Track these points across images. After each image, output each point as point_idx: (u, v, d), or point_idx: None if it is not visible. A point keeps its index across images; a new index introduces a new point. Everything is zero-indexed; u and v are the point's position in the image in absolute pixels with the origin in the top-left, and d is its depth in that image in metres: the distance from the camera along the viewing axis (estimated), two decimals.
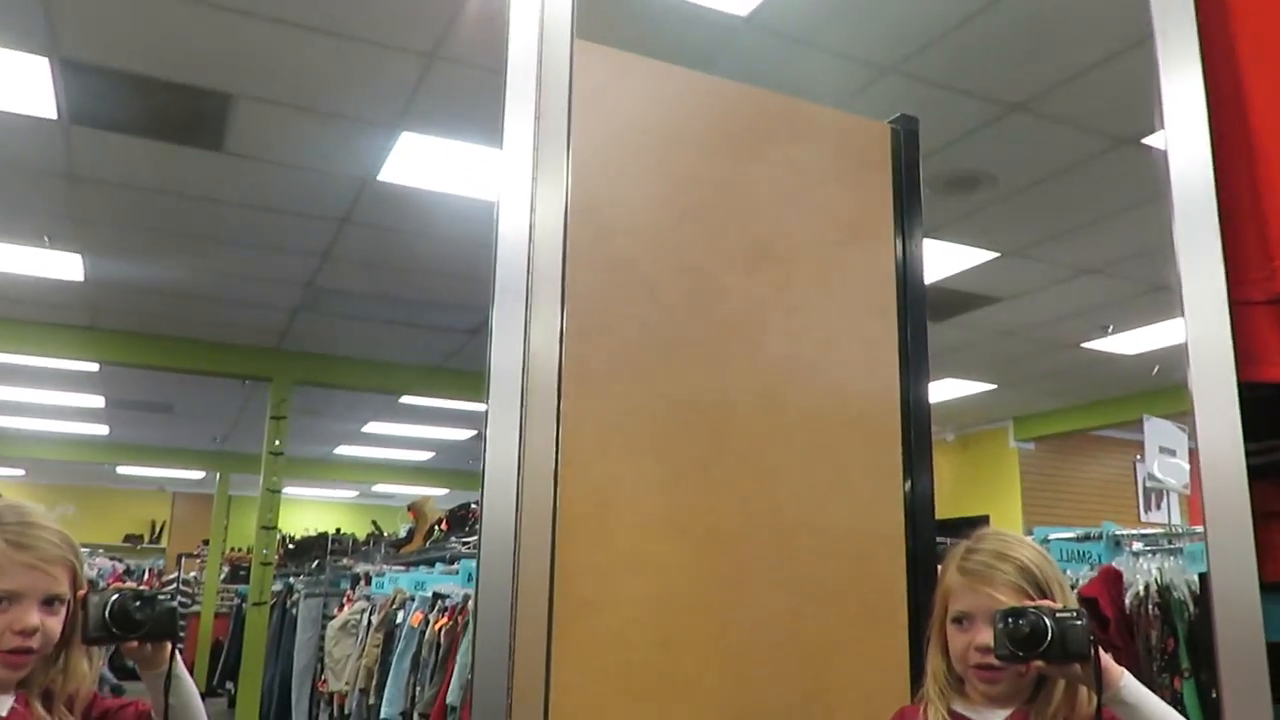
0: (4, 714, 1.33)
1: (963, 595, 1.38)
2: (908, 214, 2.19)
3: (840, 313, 2.06)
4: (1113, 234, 5.06)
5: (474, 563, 4.22)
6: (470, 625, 3.76)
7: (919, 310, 2.14)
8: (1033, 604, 1.28)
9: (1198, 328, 1.19)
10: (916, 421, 2.08)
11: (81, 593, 1.39)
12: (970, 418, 9.29)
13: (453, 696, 3.86)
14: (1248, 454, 0.96)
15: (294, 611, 7.35)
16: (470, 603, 3.88)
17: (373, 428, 10.48)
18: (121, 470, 12.86)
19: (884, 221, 2.16)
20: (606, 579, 1.71)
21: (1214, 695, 2.48)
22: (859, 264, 2.12)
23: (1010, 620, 1.26)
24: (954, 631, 1.38)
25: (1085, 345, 6.94)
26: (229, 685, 8.92)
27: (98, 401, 9.22)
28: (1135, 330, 6.56)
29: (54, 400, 9.06)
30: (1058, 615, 1.25)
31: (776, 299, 2.00)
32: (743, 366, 1.92)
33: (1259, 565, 0.90)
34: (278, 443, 7.45)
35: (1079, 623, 1.24)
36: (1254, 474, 0.94)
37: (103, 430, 10.76)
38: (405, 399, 8.69)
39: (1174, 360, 1.11)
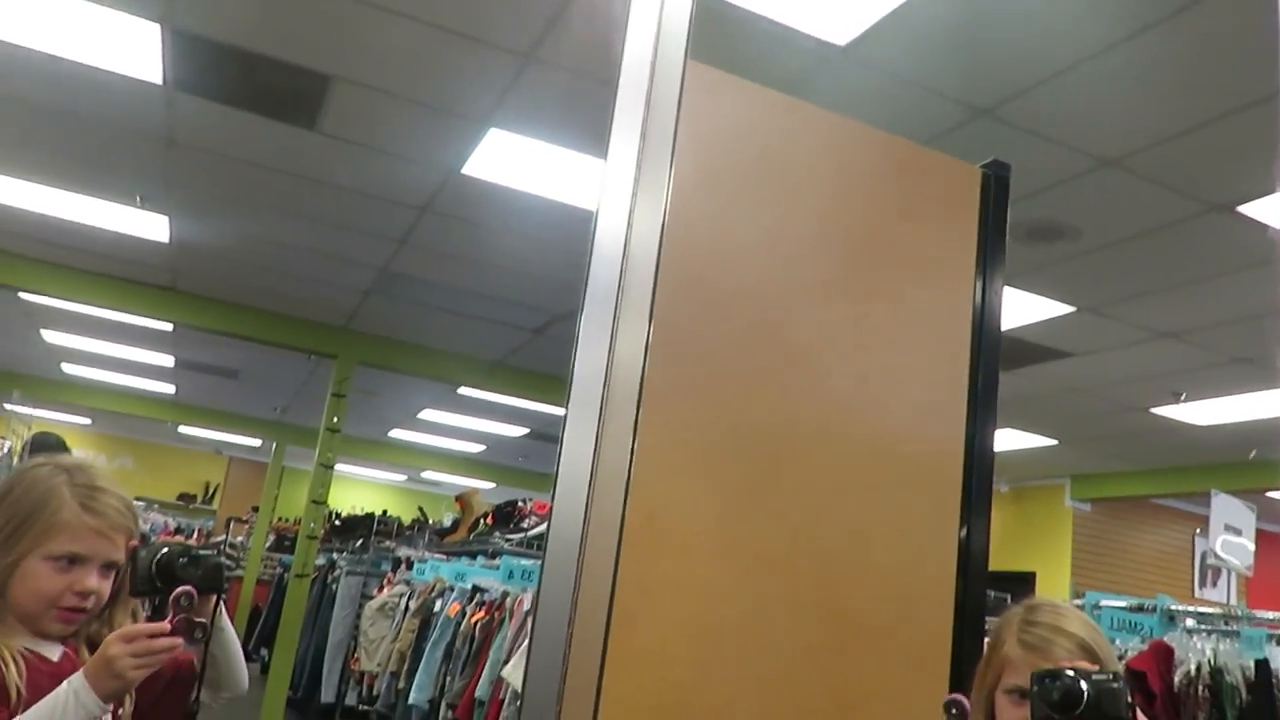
0: (56, 659, 1.37)
1: (1023, 669, 1.35)
2: (990, 260, 2.16)
3: (912, 352, 2.04)
4: (1195, 300, 4.93)
5: (515, 560, 4.25)
6: (505, 623, 3.78)
7: (992, 358, 2.11)
8: (1069, 666, 1.25)
9: None
10: (979, 470, 2.04)
11: (132, 543, 1.42)
12: (1027, 471, 9.11)
13: (482, 691, 3.89)
14: None
15: (334, 587, 7.46)
16: (508, 600, 3.90)
17: (428, 415, 10.59)
18: (183, 430, 13.18)
19: (965, 265, 2.14)
20: (648, 596, 1.70)
21: None
22: (936, 305, 2.09)
23: (1045, 682, 1.24)
24: (1007, 703, 1.35)
25: (1154, 410, 6.77)
26: (264, 652, 9.08)
27: (168, 361, 9.46)
28: (1209, 400, 6.39)
29: (126, 355, 9.32)
30: (1094, 678, 1.23)
31: (848, 332, 1.98)
32: (807, 397, 1.91)
33: None
34: (336, 419, 7.58)
35: (1116, 686, 1.22)
36: None
37: (169, 389, 11.03)
38: (463, 390, 8.78)
39: (1262, 436, 1.08)
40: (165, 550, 1.39)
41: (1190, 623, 2.89)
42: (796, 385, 1.91)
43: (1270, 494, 7.43)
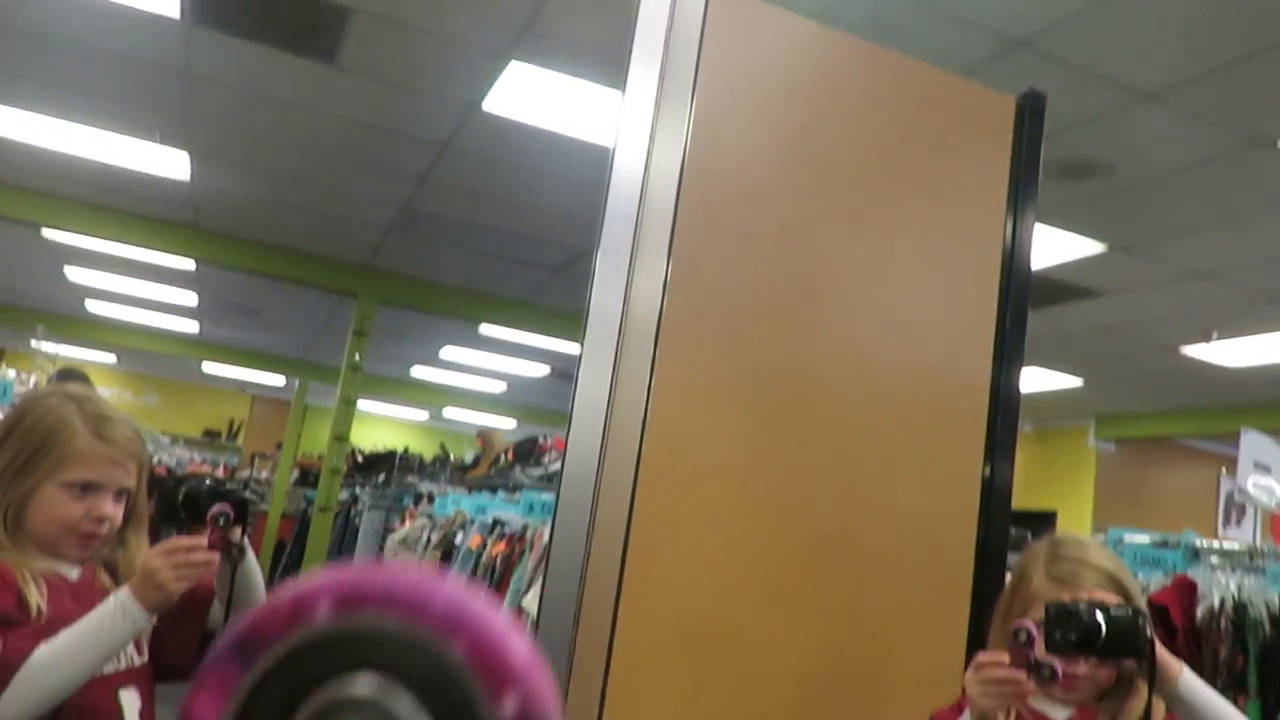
0: (74, 578, 1.40)
1: (1050, 600, 1.34)
2: (1022, 195, 2.11)
3: (940, 287, 2.00)
4: (1231, 238, 4.84)
5: (535, 494, 4.28)
6: (525, 555, 3.82)
7: (1021, 295, 2.07)
8: (1086, 599, 1.24)
9: None
10: (1005, 409, 2.02)
11: (159, 467, 1.45)
12: (1051, 411, 9.06)
13: None
14: None
15: (357, 521, 7.56)
16: (528, 533, 3.94)
17: (450, 353, 10.63)
18: (207, 368, 13.29)
19: (997, 199, 2.09)
20: (671, 526, 1.71)
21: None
22: (965, 239, 2.05)
23: (1062, 615, 1.22)
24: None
25: (1184, 350, 6.69)
26: None
27: (191, 299, 9.50)
28: (1240, 340, 6.30)
29: (150, 293, 9.36)
30: (1111, 611, 1.22)
31: (876, 265, 1.95)
32: (833, 330, 1.89)
33: None
34: (357, 357, 7.61)
35: (1133, 619, 1.20)
36: None
37: (193, 327, 11.10)
38: (485, 329, 8.78)
39: None
40: (191, 483, 1.43)
41: (1216, 559, 2.88)
42: (821, 320, 1.88)
43: None
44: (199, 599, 1.50)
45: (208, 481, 1.47)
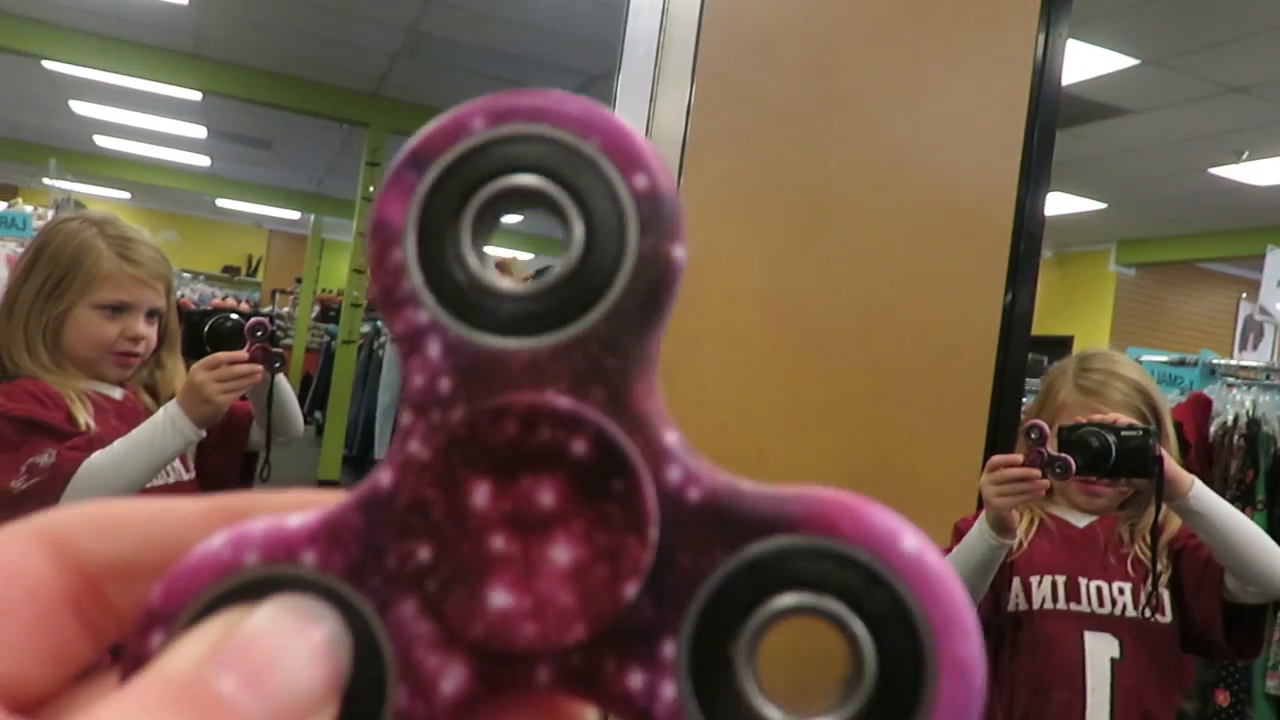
0: (118, 397, 1.43)
1: (1080, 412, 1.36)
2: (1056, 5, 2.01)
3: (966, 101, 1.94)
4: (1269, 49, 4.64)
5: None
6: None
7: (1050, 113, 2.01)
8: (1098, 419, 1.25)
9: None
10: (1029, 231, 1.99)
11: (184, 300, 1.46)
12: (1072, 236, 8.96)
13: None
14: None
15: (380, 353, 7.68)
16: None
17: None
18: (221, 203, 13.22)
19: (1029, 11, 2.00)
20: (692, 344, 1.72)
21: None
22: (994, 51, 1.97)
23: (1071, 437, 1.24)
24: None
25: (1212, 171, 6.54)
26: (317, 414, 9.48)
27: (199, 132, 9.36)
28: (1271, 159, 6.15)
29: (157, 126, 9.22)
30: (1122, 433, 1.23)
31: (901, 79, 1.89)
32: (855, 144, 1.85)
33: None
34: (371, 189, 7.54)
35: (1143, 440, 1.22)
36: None
37: (204, 162, 10.98)
38: None
39: None
40: (216, 318, 1.44)
41: (1230, 377, 2.90)
42: (845, 133, 1.84)
43: None
44: (238, 420, 1.54)
45: (233, 315, 1.48)
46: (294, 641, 0.16)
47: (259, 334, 1.39)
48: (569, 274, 0.17)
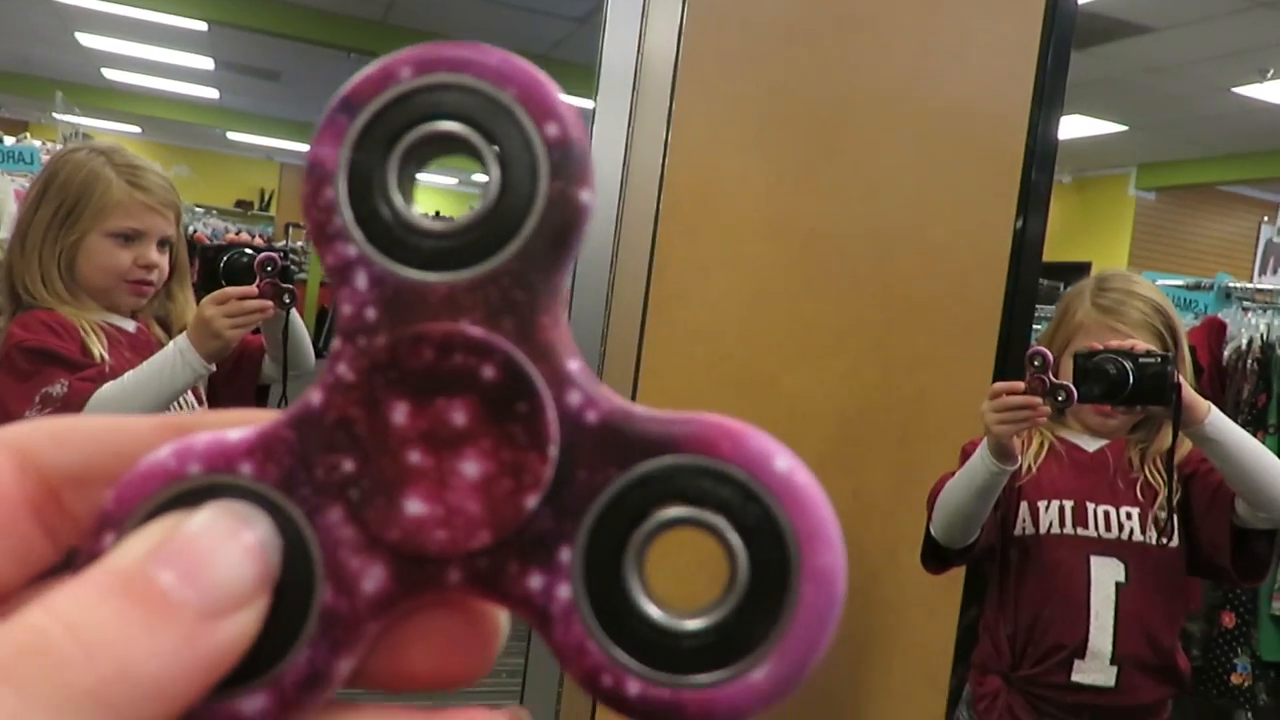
0: (131, 330, 1.44)
1: (1097, 332, 1.34)
2: None
3: (978, 20, 1.90)
4: None
5: None
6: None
7: (1065, 32, 1.96)
8: (1115, 345, 1.24)
9: None
10: (1041, 155, 1.96)
11: (198, 234, 1.47)
12: (1092, 160, 8.81)
13: None
14: None
15: None
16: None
17: None
18: (232, 136, 13.13)
19: None
20: (701, 273, 1.72)
21: None
22: None
23: (1089, 364, 1.23)
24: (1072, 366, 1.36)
25: (1236, 90, 6.39)
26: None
27: (207, 63, 9.26)
28: None
29: (164, 58, 9.13)
30: (1140, 361, 1.22)
31: None
32: (865, 67, 1.81)
33: None
34: None
35: (1161, 367, 1.21)
36: None
37: (213, 94, 10.88)
38: None
39: None
40: (232, 253, 1.44)
41: (1246, 301, 2.87)
42: (854, 54, 1.80)
43: None
44: (250, 354, 1.55)
45: (248, 250, 1.47)
46: (228, 541, 0.17)
47: (269, 269, 1.38)
48: (485, 214, 0.19)
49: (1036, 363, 1.21)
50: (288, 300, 1.42)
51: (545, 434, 0.18)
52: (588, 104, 1.53)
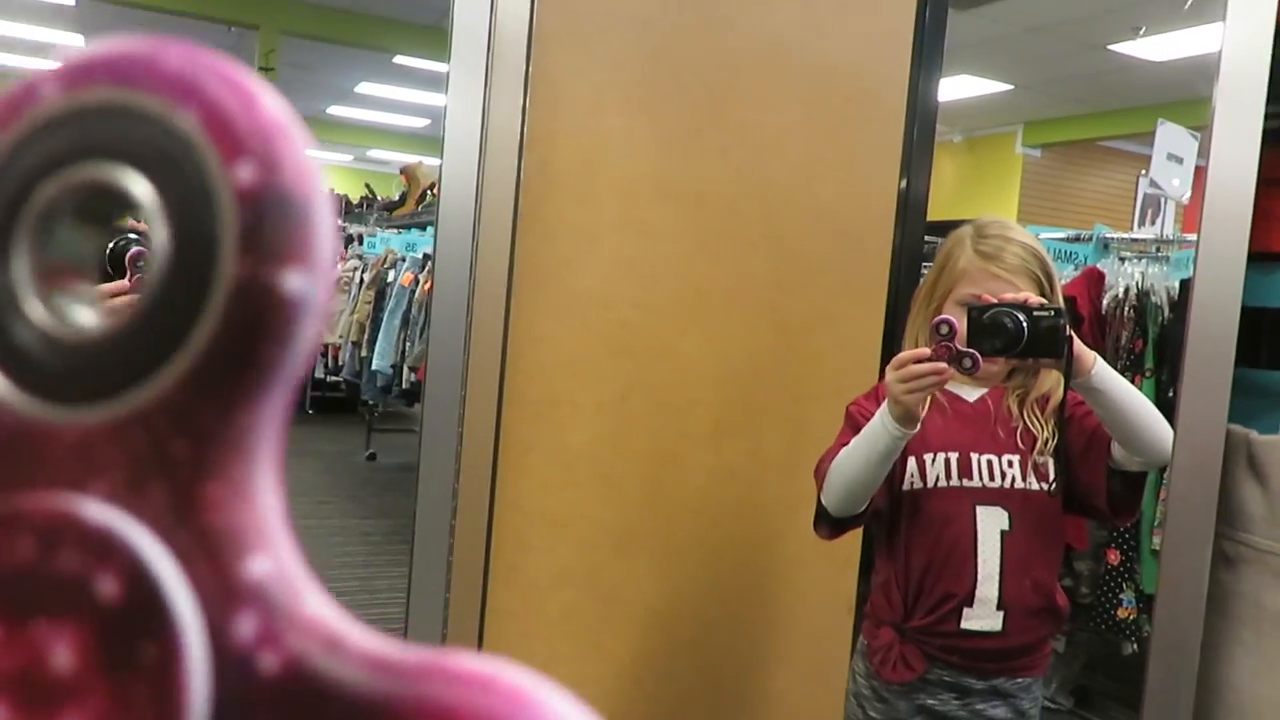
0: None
1: (979, 278, 1.36)
2: None
3: None
4: None
5: None
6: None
7: None
8: (1010, 300, 1.26)
9: None
10: (923, 114, 1.99)
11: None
12: (981, 120, 9.04)
13: None
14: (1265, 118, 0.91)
15: None
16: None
17: (365, 89, 10.15)
18: None
19: None
20: (589, 240, 1.70)
21: (1170, 394, 2.59)
22: None
23: (985, 317, 1.25)
24: (958, 315, 1.37)
25: (1111, 47, 6.61)
26: None
27: (76, 40, 8.83)
28: (1167, 35, 6.23)
29: (27, 35, 8.66)
30: (1034, 314, 1.24)
31: None
32: (747, 27, 1.81)
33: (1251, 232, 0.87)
34: None
35: (1054, 320, 1.24)
36: (1266, 139, 0.89)
37: None
38: (399, 59, 8.34)
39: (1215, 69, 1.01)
40: (117, 239, 1.37)
41: (1123, 251, 2.98)
42: (735, 14, 1.80)
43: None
44: None
45: (132, 236, 1.40)
46: None
47: (140, 264, 1.33)
48: (141, 313, 0.13)
49: (944, 330, 1.22)
50: None
51: (176, 699, 0.11)
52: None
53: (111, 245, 1.37)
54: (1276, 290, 1.03)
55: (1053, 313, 1.24)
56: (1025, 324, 1.23)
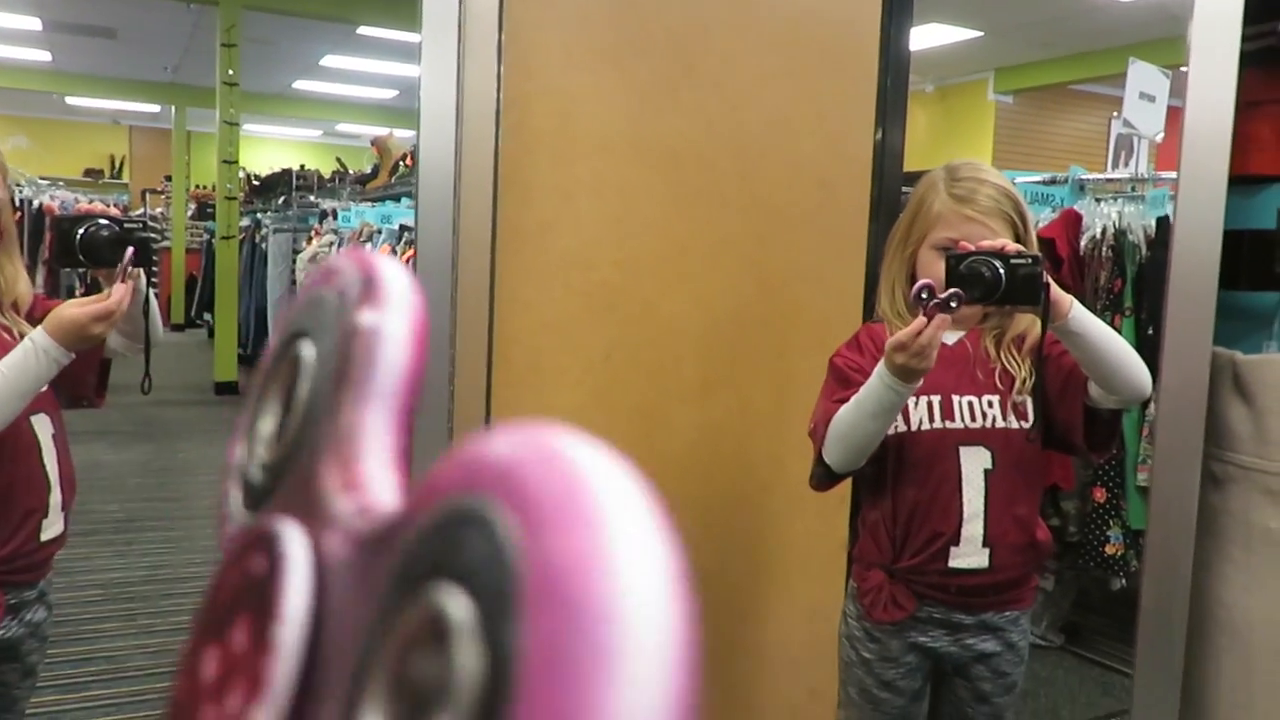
0: None
1: (955, 221, 1.36)
2: None
3: None
4: None
5: None
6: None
7: None
8: (988, 248, 1.27)
9: None
10: (896, 63, 1.98)
11: (48, 204, 1.40)
12: (952, 68, 9.01)
13: None
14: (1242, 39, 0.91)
15: (264, 246, 7.41)
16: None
17: (331, 61, 10.01)
18: (71, 101, 12.37)
19: None
20: (567, 200, 1.69)
21: (1150, 332, 2.61)
22: None
23: (963, 266, 1.25)
24: (934, 258, 1.37)
25: None
26: (207, 316, 9.18)
27: (33, 23, 8.65)
28: None
29: None
30: (1012, 261, 1.25)
31: None
32: None
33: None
34: (231, 72, 7.12)
35: (1032, 268, 1.24)
36: (1243, 61, 0.90)
37: (44, 56, 10.19)
38: (363, 30, 8.23)
39: (1183, 6, 1.00)
40: (90, 225, 1.36)
41: (1099, 192, 2.99)
42: None
43: (1186, 69, 7.47)
44: None
45: (103, 222, 1.38)
46: None
47: (129, 267, 1.35)
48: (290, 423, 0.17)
49: (925, 295, 1.23)
50: (150, 281, 1.40)
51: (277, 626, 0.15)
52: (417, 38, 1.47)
53: (82, 231, 1.35)
54: (1257, 213, 1.04)
55: (1030, 260, 1.25)
56: (1003, 272, 1.24)
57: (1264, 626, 1.00)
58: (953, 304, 1.22)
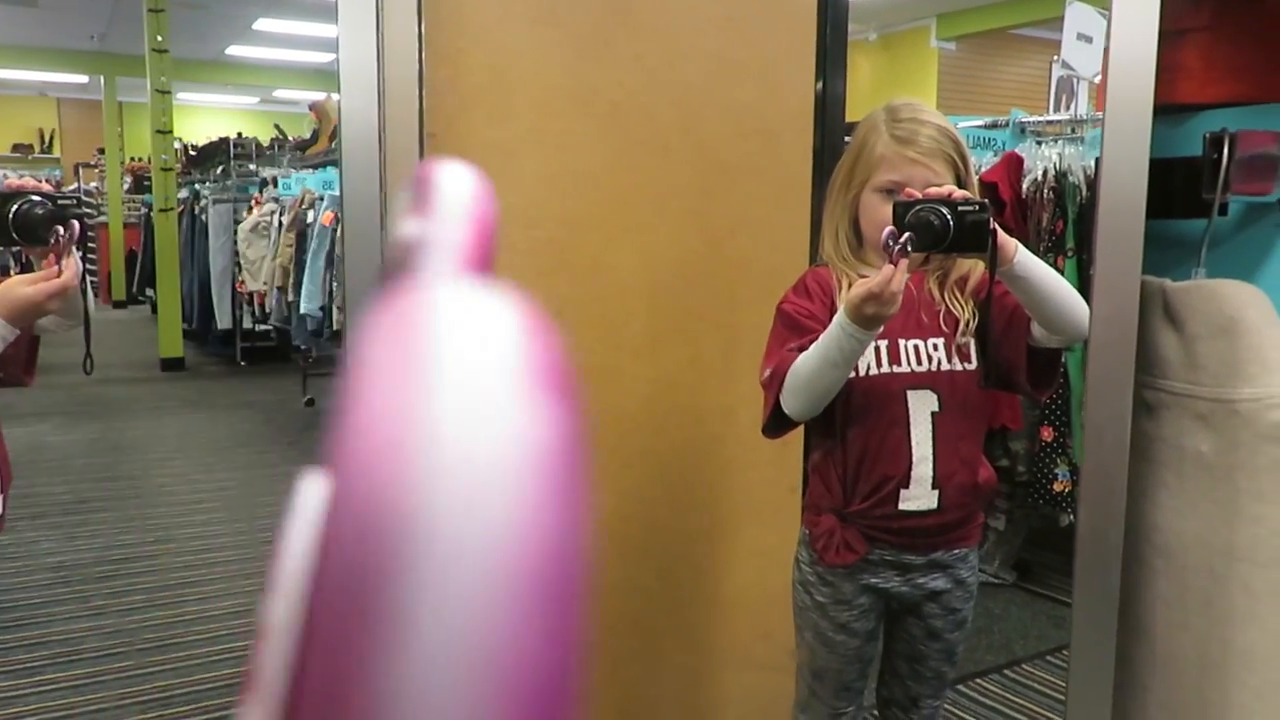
0: None
1: (897, 164, 1.36)
2: None
3: None
4: None
5: None
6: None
7: None
8: (935, 195, 1.26)
9: None
10: (835, 14, 1.97)
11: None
12: (894, 15, 9.00)
13: None
14: None
15: (204, 218, 7.25)
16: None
17: (264, 25, 9.75)
18: None
19: None
20: (508, 157, 1.66)
21: (1092, 271, 2.65)
22: None
23: (910, 215, 1.25)
24: (877, 201, 1.37)
25: None
26: (149, 292, 8.98)
27: None
28: None
29: None
30: (960, 209, 1.25)
31: None
32: None
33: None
34: (160, 39, 6.91)
35: (979, 215, 1.24)
36: None
37: None
38: None
39: None
40: (22, 202, 1.32)
41: (1039, 134, 3.01)
42: None
43: None
44: None
45: (37, 199, 1.33)
46: None
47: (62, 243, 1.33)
48: None
49: (892, 242, 1.23)
50: (84, 257, 1.38)
51: None
52: None
53: (16, 209, 1.32)
54: (1186, 141, 1.05)
55: (977, 207, 1.25)
56: (951, 220, 1.24)
57: (1196, 548, 1.03)
58: (909, 247, 1.22)
